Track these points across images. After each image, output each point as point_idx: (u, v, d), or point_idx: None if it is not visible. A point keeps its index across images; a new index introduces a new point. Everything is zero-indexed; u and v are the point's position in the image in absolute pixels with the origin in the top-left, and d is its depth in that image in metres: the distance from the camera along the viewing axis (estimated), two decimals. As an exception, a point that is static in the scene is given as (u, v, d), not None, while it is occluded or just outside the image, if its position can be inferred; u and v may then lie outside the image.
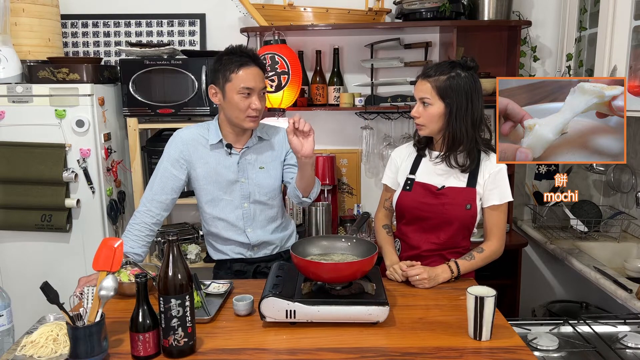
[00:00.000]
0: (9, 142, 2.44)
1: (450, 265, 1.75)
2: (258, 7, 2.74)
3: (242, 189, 1.93)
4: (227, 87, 1.80)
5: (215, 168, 1.90)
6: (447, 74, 1.72)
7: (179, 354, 1.30)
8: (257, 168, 1.95)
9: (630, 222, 2.71)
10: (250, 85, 1.80)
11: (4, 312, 1.40)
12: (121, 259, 1.39)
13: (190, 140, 1.90)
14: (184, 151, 1.89)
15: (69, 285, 1.70)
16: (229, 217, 1.93)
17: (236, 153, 1.91)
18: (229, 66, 1.80)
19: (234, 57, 1.80)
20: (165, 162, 1.90)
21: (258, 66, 1.83)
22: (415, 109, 1.77)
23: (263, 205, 1.97)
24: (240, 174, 1.92)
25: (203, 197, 1.93)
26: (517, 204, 3.11)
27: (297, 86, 2.68)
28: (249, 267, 1.99)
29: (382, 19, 2.84)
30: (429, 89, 1.73)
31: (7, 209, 2.49)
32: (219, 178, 1.90)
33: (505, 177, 1.79)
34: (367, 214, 2.03)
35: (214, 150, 1.90)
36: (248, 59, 1.81)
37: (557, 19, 2.94)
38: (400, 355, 1.31)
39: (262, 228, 1.98)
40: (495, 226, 1.80)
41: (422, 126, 1.78)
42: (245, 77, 1.79)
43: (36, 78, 2.48)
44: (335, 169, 3.00)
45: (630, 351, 1.44)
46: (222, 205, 1.93)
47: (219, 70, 1.82)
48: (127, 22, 2.99)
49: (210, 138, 1.90)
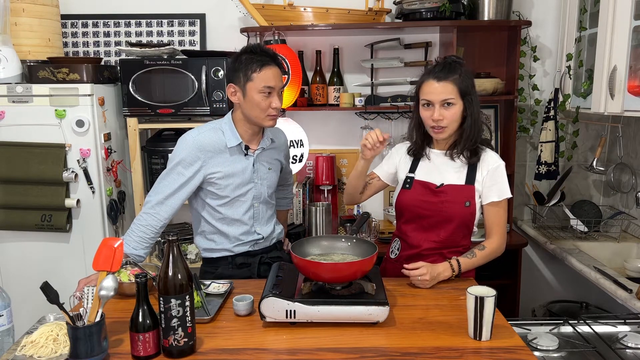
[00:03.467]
0: (9, 142, 2.44)
1: (452, 263, 1.74)
2: (258, 7, 2.74)
3: (255, 190, 1.94)
4: (248, 86, 1.80)
5: (233, 171, 1.89)
6: (458, 73, 1.73)
7: (179, 354, 1.30)
8: (267, 169, 1.98)
9: (630, 222, 2.71)
10: (271, 84, 1.80)
11: (4, 312, 1.40)
12: (121, 259, 1.39)
13: (208, 145, 1.85)
14: (201, 157, 1.84)
15: (69, 285, 1.70)
16: (243, 217, 1.94)
17: (252, 155, 1.92)
18: (251, 65, 1.79)
19: (255, 57, 1.80)
20: (179, 167, 1.83)
21: (277, 65, 1.84)
22: (436, 112, 1.72)
23: (267, 205, 2.01)
24: (254, 174, 1.93)
25: (218, 199, 1.91)
26: (517, 204, 3.11)
27: (297, 86, 2.68)
28: (253, 260, 1.99)
29: (382, 19, 2.84)
30: (453, 89, 1.72)
31: (7, 209, 2.49)
32: (237, 180, 1.90)
33: (503, 173, 1.79)
34: (367, 214, 2.03)
35: (233, 153, 1.89)
36: (269, 59, 1.81)
37: (557, 19, 2.94)
38: (400, 355, 1.31)
39: (266, 225, 2.02)
40: (495, 223, 1.80)
41: (444, 128, 1.75)
42: (266, 76, 1.79)
43: (36, 78, 2.48)
44: (335, 169, 3.01)
45: (630, 351, 1.44)
46: (236, 205, 1.93)
47: (239, 70, 1.81)
48: (127, 22, 2.99)
49: (228, 141, 1.87)
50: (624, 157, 2.70)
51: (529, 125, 3.03)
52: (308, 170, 3.07)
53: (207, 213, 1.95)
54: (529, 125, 3.03)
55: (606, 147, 2.92)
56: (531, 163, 3.08)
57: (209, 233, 1.98)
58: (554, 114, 2.79)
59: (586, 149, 3.04)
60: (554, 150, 2.81)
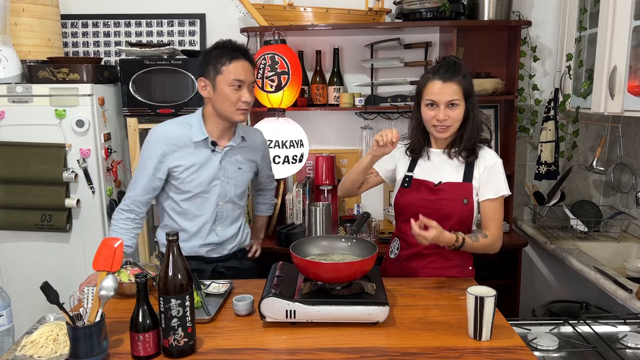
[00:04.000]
0: (9, 142, 2.44)
1: (458, 238, 1.70)
2: (258, 7, 2.74)
3: (220, 187, 1.93)
4: (218, 80, 1.81)
5: (198, 166, 1.88)
6: (462, 74, 1.75)
7: (179, 354, 1.30)
8: (237, 168, 1.96)
9: (630, 222, 2.71)
10: (241, 78, 1.81)
11: (4, 312, 1.40)
12: (121, 259, 1.39)
13: (173, 139, 1.87)
14: (166, 150, 1.86)
15: (69, 285, 1.70)
16: (205, 214, 1.93)
17: (219, 151, 1.91)
18: (220, 59, 1.80)
19: (225, 51, 1.81)
20: (147, 164, 1.87)
21: (248, 60, 1.85)
22: (442, 113, 1.74)
23: (234, 205, 1.99)
24: (221, 172, 1.92)
25: (181, 193, 1.91)
26: (517, 204, 3.11)
27: (297, 86, 2.68)
28: (206, 266, 1.98)
29: (382, 19, 2.84)
30: (458, 90, 1.74)
31: (7, 209, 2.49)
32: (201, 175, 1.89)
33: (500, 171, 1.80)
34: (367, 214, 2.02)
35: (198, 147, 1.88)
36: (239, 53, 1.82)
37: (557, 19, 2.94)
38: (400, 355, 1.31)
39: (229, 226, 2.00)
40: (492, 219, 1.79)
41: (448, 127, 1.76)
42: (236, 69, 1.80)
43: (36, 78, 2.48)
44: (335, 169, 3.00)
45: (630, 351, 1.44)
46: (199, 202, 1.92)
47: (209, 63, 1.82)
48: (127, 22, 2.99)
49: (194, 135, 1.88)
50: (624, 157, 2.70)
51: (529, 125, 3.03)
52: (308, 170, 3.07)
53: (169, 207, 1.95)
54: (529, 125, 3.03)
55: (606, 147, 2.91)
56: (531, 163, 3.08)
57: (170, 228, 1.95)
58: (554, 114, 2.79)
59: (586, 149, 3.04)
60: (554, 150, 2.81)
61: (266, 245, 2.79)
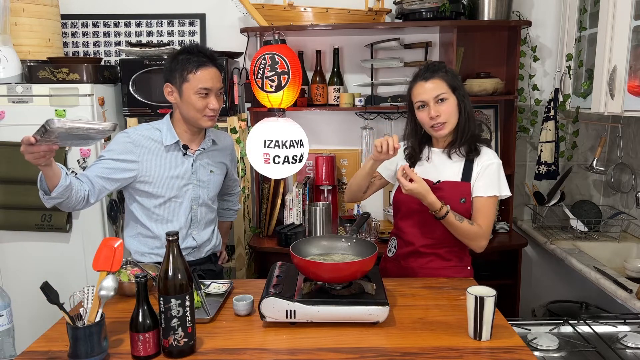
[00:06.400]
0: (9, 142, 2.44)
1: (443, 204, 1.71)
2: (258, 7, 2.74)
3: (193, 191, 1.90)
4: (185, 87, 1.77)
5: (170, 170, 1.85)
6: (443, 70, 1.79)
7: (179, 354, 1.30)
8: (209, 171, 1.94)
9: (630, 222, 2.71)
10: (208, 86, 1.77)
11: (4, 312, 1.40)
12: (121, 259, 1.39)
13: (143, 142, 1.82)
14: (135, 152, 1.81)
15: (69, 286, 1.70)
16: (179, 219, 1.89)
17: (191, 155, 1.89)
18: (187, 66, 1.76)
19: (191, 57, 1.76)
20: (108, 156, 1.78)
21: (216, 66, 1.80)
22: (432, 110, 1.75)
23: (207, 208, 1.97)
24: (193, 176, 1.90)
25: (154, 199, 1.86)
26: (517, 204, 3.11)
27: (297, 86, 2.67)
28: None
29: (382, 19, 2.84)
30: (442, 84, 1.76)
31: (7, 209, 2.49)
32: (173, 179, 1.86)
33: (495, 171, 1.79)
34: (367, 214, 2.02)
35: (169, 151, 1.85)
36: (206, 59, 1.78)
37: (557, 19, 2.94)
38: (400, 355, 1.31)
39: (204, 229, 1.98)
40: (480, 213, 1.78)
41: (444, 124, 1.77)
42: (203, 77, 1.76)
43: (36, 78, 2.48)
44: (335, 169, 3.01)
45: (630, 351, 1.44)
46: (173, 207, 1.88)
47: (175, 70, 1.78)
48: (127, 22, 2.99)
49: (165, 139, 1.84)
50: (624, 157, 2.70)
51: (529, 125, 3.03)
52: (308, 170, 3.07)
53: (143, 215, 1.88)
54: (529, 125, 3.03)
55: (606, 147, 2.91)
56: (531, 163, 3.08)
57: (144, 236, 1.91)
58: (554, 114, 2.79)
59: (586, 149, 3.04)
60: (554, 150, 2.81)
61: (266, 245, 2.79)
